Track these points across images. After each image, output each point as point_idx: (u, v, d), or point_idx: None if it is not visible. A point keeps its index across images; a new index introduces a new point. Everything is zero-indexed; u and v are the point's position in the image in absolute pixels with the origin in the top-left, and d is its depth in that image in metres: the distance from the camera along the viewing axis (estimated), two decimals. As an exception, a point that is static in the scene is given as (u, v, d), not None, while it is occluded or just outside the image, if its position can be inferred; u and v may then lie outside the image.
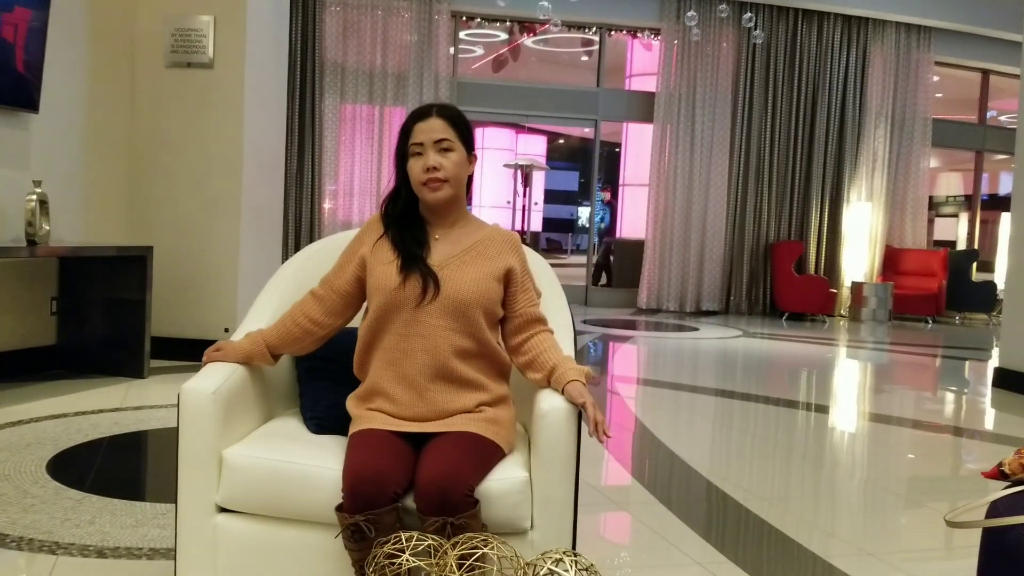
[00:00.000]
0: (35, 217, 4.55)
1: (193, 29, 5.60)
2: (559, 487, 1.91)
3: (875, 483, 3.86)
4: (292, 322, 2.09)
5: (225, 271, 5.66)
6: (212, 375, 2.02)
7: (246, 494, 1.92)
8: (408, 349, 1.97)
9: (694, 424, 4.95)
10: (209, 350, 2.11)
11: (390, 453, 1.84)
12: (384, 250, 2.04)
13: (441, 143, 2.01)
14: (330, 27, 9.92)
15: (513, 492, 1.86)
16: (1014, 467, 1.55)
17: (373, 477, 1.76)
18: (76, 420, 4.06)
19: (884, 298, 10.93)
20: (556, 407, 1.92)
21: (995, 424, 5.42)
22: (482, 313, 2.00)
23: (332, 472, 1.85)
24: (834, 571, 2.68)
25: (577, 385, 1.94)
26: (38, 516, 2.77)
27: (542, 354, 2.03)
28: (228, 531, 1.94)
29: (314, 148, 9.89)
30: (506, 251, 2.08)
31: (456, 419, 1.95)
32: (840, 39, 11.16)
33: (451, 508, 1.72)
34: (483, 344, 2.01)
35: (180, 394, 1.96)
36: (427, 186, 2.01)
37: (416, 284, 1.97)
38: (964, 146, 12.93)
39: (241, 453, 1.95)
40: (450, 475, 1.76)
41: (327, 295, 2.08)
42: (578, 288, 11.44)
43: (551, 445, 1.91)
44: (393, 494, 1.76)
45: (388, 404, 1.97)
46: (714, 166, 10.90)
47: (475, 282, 2.00)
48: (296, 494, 1.88)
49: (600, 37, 11.20)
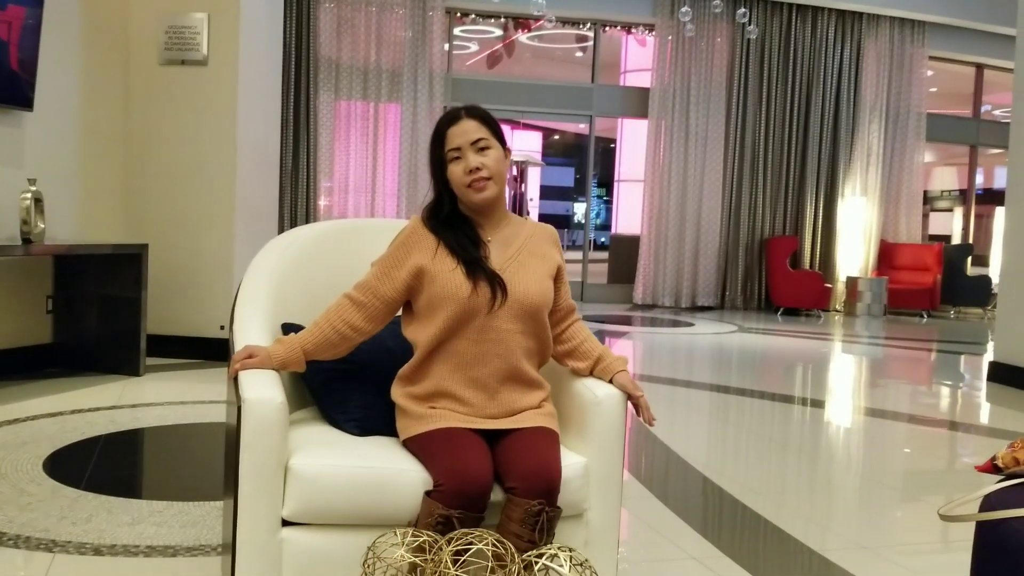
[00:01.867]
0: (30, 215, 4.54)
1: (187, 26, 5.59)
2: (612, 469, 2.04)
3: (870, 477, 3.87)
4: (331, 328, 2.00)
5: (220, 268, 5.66)
6: (270, 385, 1.89)
7: (318, 505, 1.84)
8: (482, 354, 1.97)
9: (690, 419, 4.96)
10: (239, 356, 1.98)
11: (484, 456, 1.86)
12: (443, 256, 2.00)
13: (478, 143, 2.01)
14: (324, 23, 9.91)
15: (577, 476, 1.95)
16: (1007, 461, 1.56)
17: (479, 480, 1.79)
18: (72, 418, 4.05)
19: (879, 293, 10.95)
20: (611, 395, 2.03)
21: (989, 418, 5.44)
22: (546, 312, 2.05)
23: (411, 474, 1.85)
24: (830, 565, 2.69)
25: (627, 375, 2.06)
26: (35, 514, 2.77)
27: (583, 344, 2.12)
28: (294, 544, 1.84)
29: (309, 145, 9.88)
30: (551, 247, 2.13)
31: (526, 415, 1.99)
32: (834, 34, 11.17)
33: (552, 496, 1.81)
34: (543, 342, 2.07)
35: (244, 406, 1.81)
36: (472, 187, 2.00)
37: (486, 290, 1.97)
38: (958, 140, 12.96)
39: (311, 463, 1.85)
40: (552, 465, 1.86)
41: (370, 301, 2.01)
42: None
43: (606, 431, 2.02)
44: (488, 499, 1.81)
45: (458, 405, 1.97)
46: (709, 161, 10.91)
47: (537, 283, 2.03)
48: (376, 499, 1.84)
49: (594, 33, 11.20)
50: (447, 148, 2.02)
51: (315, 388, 2.20)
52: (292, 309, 2.27)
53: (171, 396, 4.56)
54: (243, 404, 1.82)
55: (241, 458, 1.81)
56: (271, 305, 2.24)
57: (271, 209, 6.50)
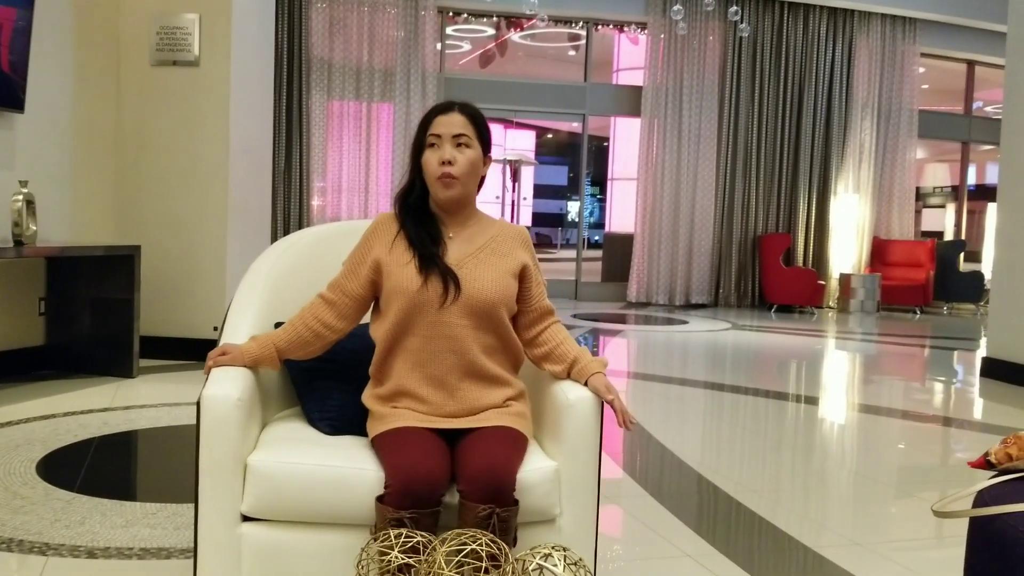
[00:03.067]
0: (22, 217, 4.52)
1: (178, 27, 5.57)
2: (585, 474, 1.98)
3: (864, 474, 3.88)
4: (303, 326, 2.04)
5: (213, 269, 5.65)
6: (231, 381, 1.93)
7: (275, 501, 1.86)
8: (434, 350, 1.97)
9: (684, 417, 4.97)
10: (213, 353, 2.02)
11: (435, 453, 1.85)
12: (399, 251, 2.02)
13: (459, 138, 2.02)
14: (316, 23, 9.89)
15: (545, 481, 1.91)
16: (1000, 456, 1.56)
17: (426, 477, 1.77)
18: (65, 420, 4.04)
19: (872, 289, 10.97)
20: (583, 398, 1.99)
21: (983, 413, 5.46)
22: (504, 310, 2.02)
23: (367, 473, 1.85)
24: (824, 562, 2.69)
25: (601, 378, 2.01)
26: (28, 517, 2.76)
27: (559, 346, 2.08)
28: (253, 540, 1.87)
29: (302, 145, 9.87)
30: (518, 247, 2.10)
31: (488, 414, 1.97)
32: (826, 31, 11.19)
33: (500, 498, 1.76)
34: (505, 340, 2.04)
35: (201, 401, 1.86)
36: (440, 181, 2.01)
37: (437, 285, 1.96)
38: (950, 137, 12.99)
39: (269, 460, 1.88)
40: (501, 465, 1.81)
41: (339, 299, 2.04)
42: (568, 282, 11.44)
43: (579, 434, 1.97)
44: (439, 495, 1.78)
45: (418, 404, 1.97)
46: (702, 159, 10.92)
47: (494, 281, 2.01)
48: (331, 497, 1.84)
49: (587, 31, 11.20)
50: (429, 133, 2.03)
51: (299, 386, 2.22)
52: (288, 311, 2.26)
53: (164, 398, 4.55)
54: (201, 400, 1.87)
55: (200, 453, 1.87)
56: (265, 308, 2.25)
57: (264, 209, 6.49)
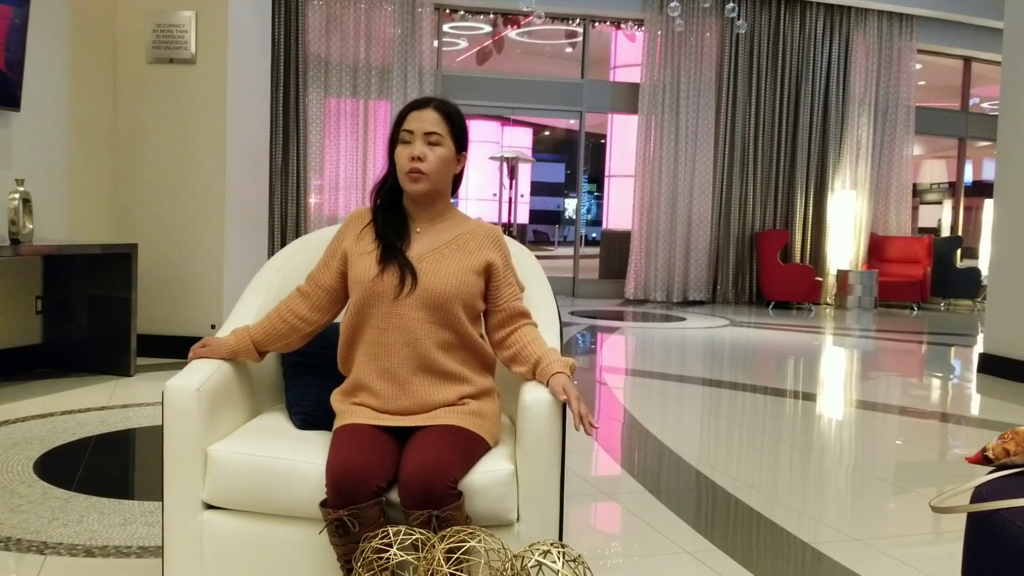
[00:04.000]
0: (18, 216, 4.51)
1: (175, 25, 5.56)
2: (544, 479, 1.91)
3: (862, 470, 3.88)
4: (279, 318, 2.08)
5: (210, 267, 5.64)
6: (197, 372, 2.01)
7: (232, 491, 1.91)
8: (388, 342, 1.97)
9: (682, 414, 4.97)
10: (195, 347, 2.10)
11: (372, 447, 1.84)
12: (365, 241, 2.05)
13: (430, 136, 2.01)
14: (313, 21, 9.88)
15: (498, 484, 1.86)
16: (997, 452, 1.56)
17: (355, 472, 1.76)
18: (63, 419, 4.04)
19: (869, 285, 10.98)
20: (540, 399, 1.92)
21: (980, 409, 5.47)
22: (461, 306, 2.00)
23: (317, 468, 1.86)
24: (822, 558, 2.70)
25: (561, 378, 1.93)
26: (25, 516, 2.76)
27: (526, 347, 2.03)
28: (214, 528, 1.94)
29: (299, 143, 9.86)
30: (487, 245, 2.08)
31: (439, 412, 1.95)
32: (823, 28, 11.19)
33: (435, 501, 1.72)
34: (463, 337, 2.02)
35: (164, 391, 1.95)
36: (408, 176, 2.01)
37: (394, 276, 1.97)
38: (947, 133, 13.00)
39: (225, 450, 1.94)
40: (433, 468, 1.76)
41: (313, 291, 2.08)
42: (565, 280, 11.45)
43: (535, 437, 1.91)
44: (376, 488, 1.76)
45: (371, 398, 1.97)
46: (699, 156, 10.93)
47: (453, 275, 2.00)
48: (282, 490, 1.88)
49: (584, 28, 11.20)
50: (402, 128, 2.04)
51: (286, 380, 2.27)
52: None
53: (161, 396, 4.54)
54: (164, 390, 1.97)
55: (164, 442, 1.97)
56: (268, 308, 2.25)
57: (261, 207, 6.48)
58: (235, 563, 1.93)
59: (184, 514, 1.94)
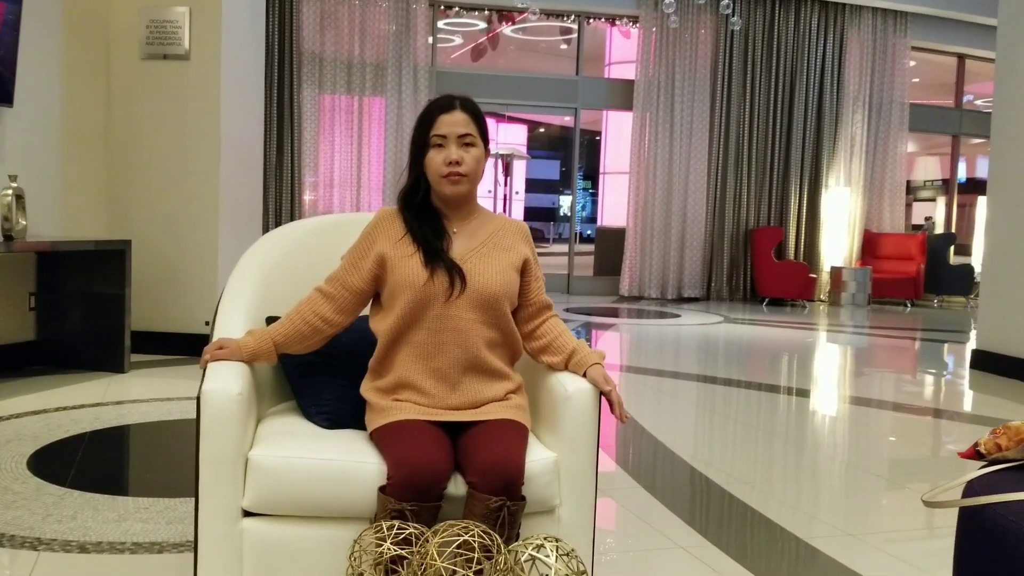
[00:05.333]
0: (11, 212, 4.50)
1: (168, 21, 5.55)
2: (584, 465, 2.00)
3: (855, 465, 3.89)
4: (302, 320, 2.03)
5: (204, 264, 5.64)
6: (229, 376, 1.91)
7: (276, 496, 1.85)
8: (440, 343, 1.97)
9: (677, 410, 4.98)
10: (210, 348, 2.01)
11: (438, 445, 1.85)
12: (404, 245, 2.02)
13: (464, 138, 2.01)
14: (307, 17, 9.86)
15: (545, 472, 1.92)
16: (989, 447, 1.57)
17: (428, 469, 1.77)
18: (56, 416, 4.03)
19: (863, 282, 11.01)
20: (582, 389, 2.00)
21: (972, 405, 5.49)
22: (507, 303, 2.04)
23: (369, 466, 1.85)
24: (816, 553, 2.70)
25: (600, 369, 2.02)
26: (19, 512, 2.75)
27: (558, 338, 2.09)
28: (255, 535, 1.87)
29: (293, 139, 9.84)
30: (520, 241, 2.12)
31: (490, 407, 1.98)
32: (817, 25, 11.21)
33: (511, 491, 1.78)
34: (507, 334, 2.06)
35: (201, 397, 1.85)
36: (447, 179, 2.01)
37: (443, 279, 1.97)
38: (941, 130, 13.03)
39: (270, 455, 1.87)
40: (511, 459, 1.82)
41: (339, 293, 2.04)
42: (561, 276, 11.45)
43: (577, 425, 1.99)
44: (442, 489, 1.79)
45: (418, 396, 1.97)
46: (694, 153, 10.94)
47: (499, 274, 2.02)
48: (333, 491, 1.84)
49: (579, 25, 11.19)
50: (433, 132, 2.02)
51: (293, 380, 2.21)
52: (279, 305, 2.25)
53: (156, 393, 4.54)
54: (201, 395, 1.85)
55: (200, 448, 1.85)
56: (256, 301, 2.24)
57: (255, 204, 6.47)
58: (275, 570, 1.87)
59: (224, 523, 1.86)
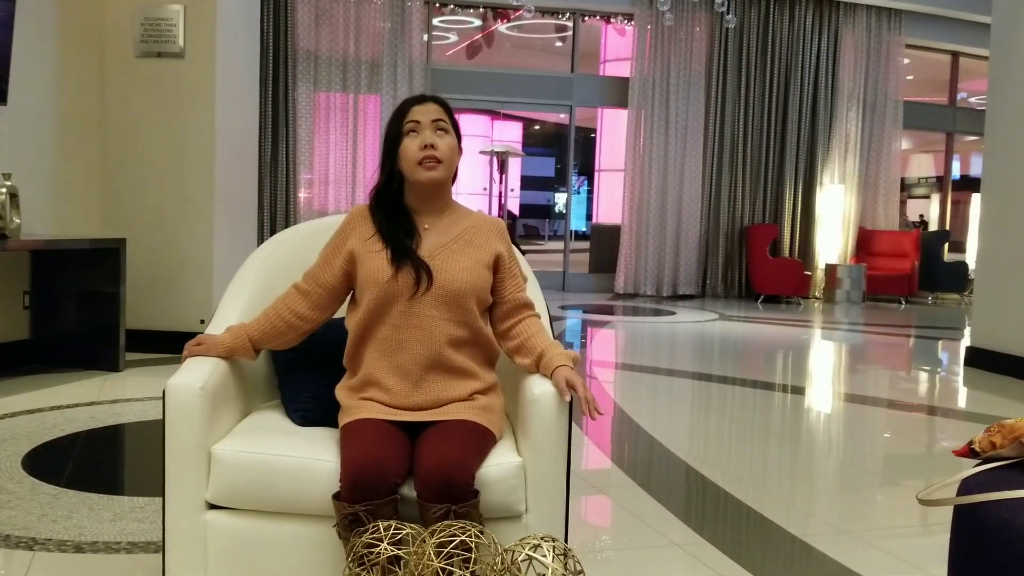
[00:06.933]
0: (5, 210, 4.48)
1: (163, 18, 5.53)
2: (551, 470, 1.94)
3: (850, 463, 3.90)
4: (276, 316, 2.06)
5: (200, 262, 5.62)
6: (196, 370, 1.97)
7: (238, 489, 1.89)
8: (403, 340, 1.97)
9: (672, 407, 4.99)
10: (189, 344, 2.06)
11: (389, 443, 1.84)
12: (374, 242, 2.03)
13: (438, 123, 2.03)
14: (302, 15, 9.83)
15: (508, 477, 1.88)
16: (984, 445, 1.58)
17: (374, 467, 1.76)
18: (51, 415, 4.02)
19: (858, 279, 11.02)
20: (547, 392, 1.94)
21: (967, 402, 5.50)
22: (475, 301, 2.01)
23: (327, 464, 1.85)
24: (811, 550, 2.71)
25: (564, 371, 1.95)
26: (14, 512, 2.75)
27: (530, 339, 2.05)
28: (218, 527, 1.91)
29: (288, 137, 9.82)
30: (493, 238, 2.09)
31: (451, 407, 1.96)
32: (812, 23, 11.21)
33: (454, 496, 1.73)
34: (476, 332, 2.03)
35: (166, 390, 1.91)
36: (423, 164, 2.00)
37: (409, 275, 1.96)
38: (935, 128, 13.05)
39: (231, 448, 1.91)
40: (454, 463, 1.78)
41: (312, 289, 2.06)
42: (556, 274, 11.44)
43: (543, 429, 1.93)
44: (393, 484, 1.77)
45: (382, 394, 1.97)
46: (689, 150, 10.94)
47: (467, 271, 2.00)
48: (291, 487, 1.86)
49: (574, 23, 11.18)
50: (406, 120, 2.03)
51: (280, 376, 2.24)
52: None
53: (151, 391, 4.52)
54: (165, 389, 1.92)
55: (166, 441, 1.92)
56: (256, 301, 2.25)
57: (250, 202, 6.46)
58: (240, 563, 1.90)
59: (187, 515, 1.91)
